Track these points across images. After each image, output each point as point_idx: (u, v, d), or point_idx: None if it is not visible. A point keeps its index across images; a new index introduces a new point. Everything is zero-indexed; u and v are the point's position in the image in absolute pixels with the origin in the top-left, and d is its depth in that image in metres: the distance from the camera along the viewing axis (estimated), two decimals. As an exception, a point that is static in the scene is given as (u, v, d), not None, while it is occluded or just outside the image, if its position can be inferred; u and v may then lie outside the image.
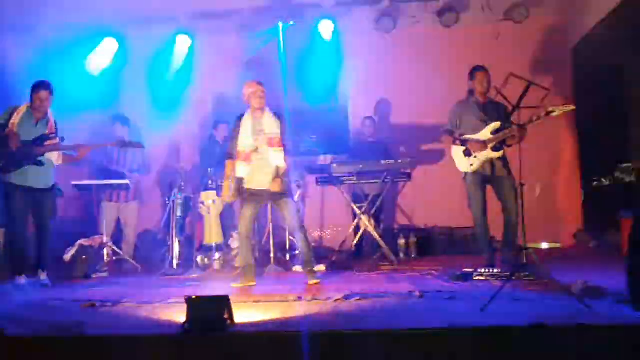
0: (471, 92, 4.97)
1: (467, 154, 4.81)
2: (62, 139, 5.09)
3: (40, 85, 4.95)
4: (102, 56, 7.26)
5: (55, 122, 5.07)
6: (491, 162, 4.79)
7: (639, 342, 2.65)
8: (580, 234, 6.98)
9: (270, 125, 4.69)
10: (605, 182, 6.30)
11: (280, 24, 7.01)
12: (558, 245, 7.02)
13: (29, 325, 3.25)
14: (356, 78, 7.45)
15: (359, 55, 7.40)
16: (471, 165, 4.80)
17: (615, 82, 6.16)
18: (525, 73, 3.93)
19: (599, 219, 6.63)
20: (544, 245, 6.96)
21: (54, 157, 5.04)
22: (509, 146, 4.75)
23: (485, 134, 4.76)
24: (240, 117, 4.79)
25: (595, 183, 6.54)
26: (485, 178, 4.84)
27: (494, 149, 4.73)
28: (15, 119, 4.85)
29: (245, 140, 4.68)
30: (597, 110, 6.41)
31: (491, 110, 4.81)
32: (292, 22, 7.10)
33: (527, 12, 6.79)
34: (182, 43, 7.26)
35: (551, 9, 7.11)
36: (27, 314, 3.69)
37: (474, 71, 4.92)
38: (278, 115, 4.78)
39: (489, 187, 4.90)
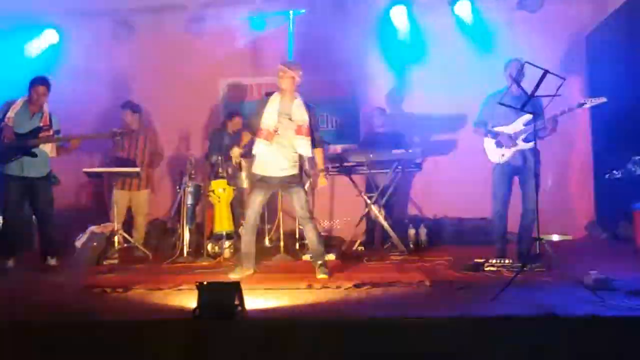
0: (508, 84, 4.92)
1: (499, 145, 4.81)
2: (57, 132, 5.26)
3: (39, 80, 5.15)
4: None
5: (50, 115, 5.24)
6: (523, 153, 4.78)
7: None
8: (592, 226, 6.92)
9: (300, 113, 4.58)
10: (617, 174, 6.24)
11: (291, 12, 6.96)
12: (570, 237, 6.96)
13: (40, 311, 3.28)
14: (367, 68, 7.42)
15: (370, 45, 7.36)
16: (502, 155, 4.80)
17: (629, 72, 6.07)
18: (540, 62, 3.87)
19: (611, 211, 6.57)
20: (556, 237, 6.90)
21: (47, 149, 5.19)
22: (542, 138, 4.71)
23: (517, 125, 4.74)
24: (269, 94, 4.74)
25: (607, 175, 6.46)
26: (514, 169, 4.83)
27: (525, 140, 4.72)
28: (11, 113, 5.05)
29: (269, 119, 4.56)
30: (611, 101, 6.32)
31: (524, 101, 4.76)
32: (303, 10, 7.06)
33: (541, 1, 6.71)
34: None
35: (564, -1, 7.03)
36: (38, 299, 3.72)
37: (508, 62, 4.86)
38: (308, 105, 4.68)
39: (515, 179, 4.90)
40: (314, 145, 4.66)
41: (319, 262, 4.56)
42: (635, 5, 5.91)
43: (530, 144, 4.69)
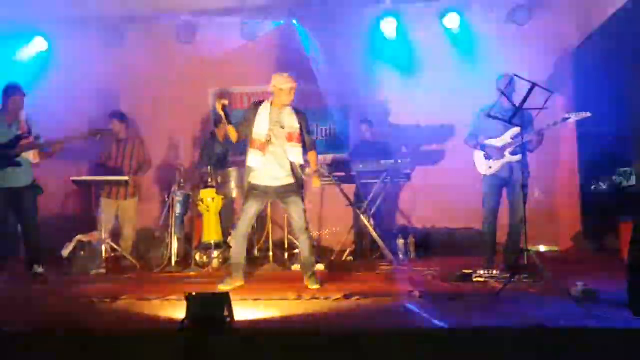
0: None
1: (487, 157, 4.88)
2: (38, 137, 5.18)
3: (14, 89, 5.11)
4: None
5: (27, 121, 5.15)
6: (510, 165, 4.83)
7: (636, 346, 2.65)
8: (578, 237, 6.98)
9: (291, 120, 4.55)
10: (603, 186, 6.31)
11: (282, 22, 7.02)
12: (556, 248, 7.01)
13: (27, 321, 3.23)
14: (356, 78, 7.46)
15: (359, 56, 7.42)
16: (490, 167, 4.87)
17: (615, 86, 6.16)
18: (528, 75, 3.92)
19: (597, 223, 6.62)
20: (543, 248, 6.95)
21: (30, 156, 5.13)
22: (531, 151, 4.77)
23: (505, 138, 4.80)
24: (258, 104, 4.65)
25: (593, 187, 6.54)
26: (502, 181, 4.90)
27: (512, 153, 4.77)
28: None
29: (261, 129, 4.50)
30: (597, 114, 6.40)
31: (513, 115, 4.81)
32: (294, 21, 7.11)
33: (529, 15, 6.80)
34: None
35: (553, 12, 7.11)
36: (25, 309, 3.68)
37: (499, 78, 4.90)
38: (298, 110, 4.66)
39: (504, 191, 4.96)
40: (307, 148, 4.65)
41: (309, 272, 4.53)
42: (620, 20, 6.01)
43: (518, 157, 4.74)
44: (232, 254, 4.73)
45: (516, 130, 4.70)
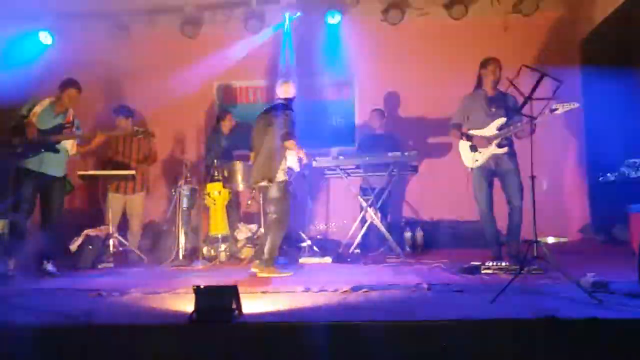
0: (479, 83, 4.93)
1: (473, 149, 4.81)
2: (78, 128, 5.35)
3: (72, 84, 5.25)
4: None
5: (74, 115, 5.32)
6: (496, 157, 4.78)
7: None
8: (587, 228, 6.95)
9: None
10: (611, 177, 6.26)
11: (287, 15, 6.98)
12: (565, 239, 6.99)
13: (37, 314, 3.24)
14: (363, 70, 7.43)
15: (367, 48, 7.38)
16: (476, 160, 4.81)
17: (623, 76, 6.10)
18: (534, 66, 3.87)
19: (605, 214, 6.59)
20: (551, 240, 6.93)
21: (68, 146, 5.25)
22: (519, 139, 4.72)
23: (491, 130, 4.74)
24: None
25: (601, 178, 6.49)
26: (491, 172, 4.85)
27: (499, 146, 4.73)
28: (37, 109, 5.13)
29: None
30: (605, 104, 6.36)
31: (500, 103, 4.77)
32: (298, 14, 7.07)
33: (535, 5, 6.73)
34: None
35: (560, 2, 7.04)
36: (35, 303, 3.69)
37: (486, 61, 4.88)
38: None
39: (496, 181, 4.89)
40: None
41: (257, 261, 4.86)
42: (627, 11, 5.94)
43: (504, 150, 4.69)
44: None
45: (502, 120, 4.66)
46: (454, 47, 7.13)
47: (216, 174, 6.00)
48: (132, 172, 6.01)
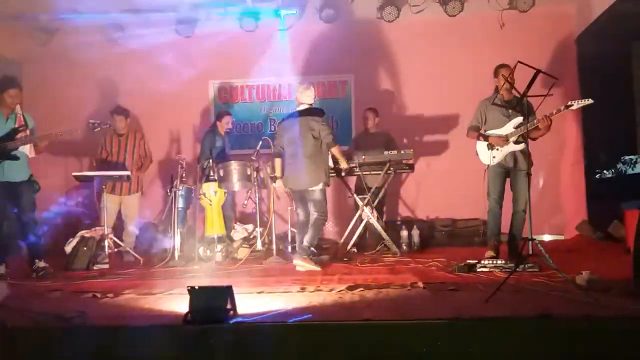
0: (496, 89, 4.98)
1: (490, 147, 4.89)
2: (32, 131, 5.12)
3: (9, 83, 5.03)
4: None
5: (24, 115, 5.09)
6: (514, 155, 4.85)
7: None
8: (583, 226, 6.95)
9: None
10: (608, 174, 6.28)
11: (283, 13, 6.96)
12: (562, 237, 6.99)
13: (31, 316, 3.22)
14: (360, 68, 7.42)
15: (362, 45, 7.37)
16: (493, 157, 4.89)
17: (620, 73, 6.11)
18: (530, 62, 3.87)
19: (602, 211, 6.60)
20: (547, 237, 6.93)
21: (27, 150, 5.08)
22: (534, 139, 4.75)
23: (508, 128, 4.82)
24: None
25: (598, 175, 6.51)
26: (506, 170, 4.92)
27: (516, 142, 4.79)
28: None
29: None
30: (602, 101, 6.35)
31: (515, 105, 4.79)
32: (294, 11, 7.05)
33: (532, 1, 6.72)
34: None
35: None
36: (28, 304, 3.66)
37: (497, 69, 4.97)
38: None
39: (508, 180, 4.98)
40: None
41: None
42: (622, 7, 5.94)
43: (522, 146, 4.73)
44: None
45: (519, 119, 4.71)
46: (450, 44, 7.12)
47: (212, 173, 5.97)
48: (128, 172, 5.98)
